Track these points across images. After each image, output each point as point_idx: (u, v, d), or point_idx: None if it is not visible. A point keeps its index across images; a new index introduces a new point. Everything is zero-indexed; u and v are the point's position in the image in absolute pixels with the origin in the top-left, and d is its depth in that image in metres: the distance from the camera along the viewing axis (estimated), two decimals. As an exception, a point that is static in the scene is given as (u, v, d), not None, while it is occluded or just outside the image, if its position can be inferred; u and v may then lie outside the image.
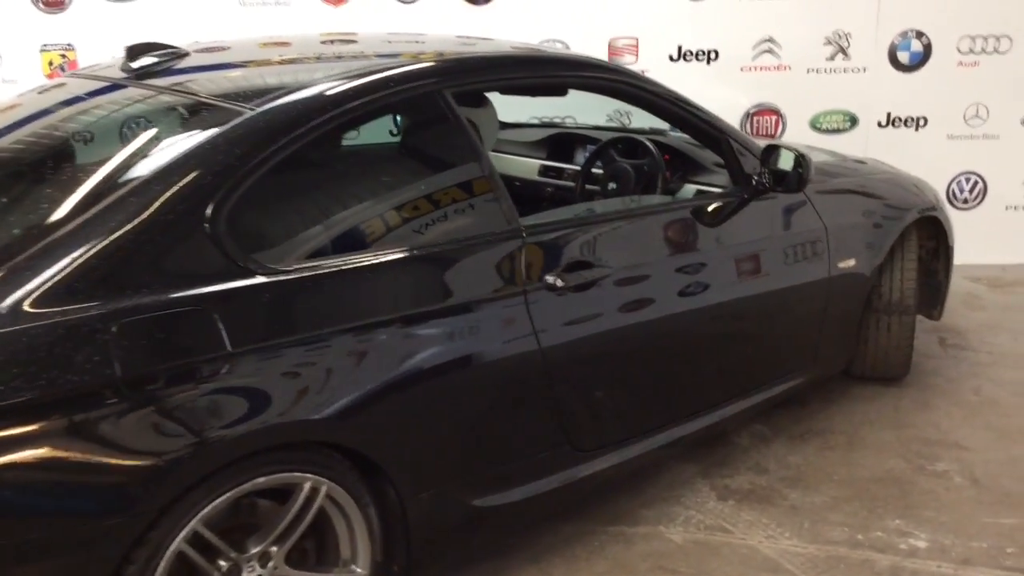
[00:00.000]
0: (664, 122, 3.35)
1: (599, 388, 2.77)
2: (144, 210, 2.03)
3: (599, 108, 4.69)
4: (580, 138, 4.03)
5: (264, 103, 2.30)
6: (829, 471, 3.32)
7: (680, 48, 5.35)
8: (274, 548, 2.16)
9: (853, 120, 5.48)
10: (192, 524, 1.98)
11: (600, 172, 3.59)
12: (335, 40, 3.28)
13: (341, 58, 2.97)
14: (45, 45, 5.09)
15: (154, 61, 2.68)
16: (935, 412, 3.76)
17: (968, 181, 5.57)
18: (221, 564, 2.09)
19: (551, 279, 2.56)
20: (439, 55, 2.82)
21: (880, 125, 5.48)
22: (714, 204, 3.13)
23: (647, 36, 5.33)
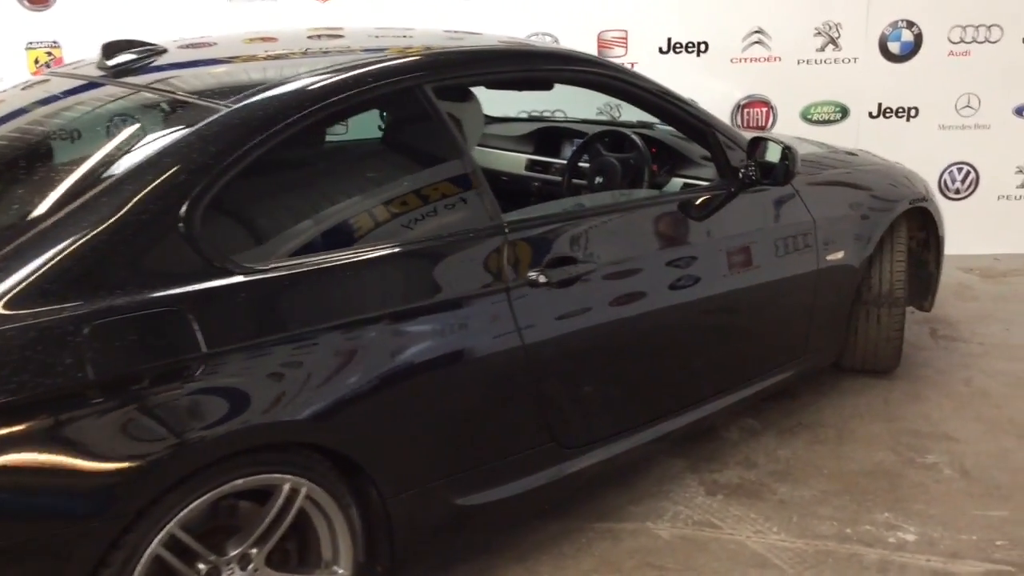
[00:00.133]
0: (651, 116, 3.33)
1: (584, 385, 2.75)
2: (117, 210, 2.01)
3: (589, 101, 4.66)
4: (568, 132, 4.01)
5: (240, 100, 2.27)
6: (818, 465, 3.30)
7: (670, 40, 5.31)
8: (254, 550, 2.14)
9: (844, 111, 5.45)
10: (169, 527, 1.96)
11: (587, 166, 3.57)
12: (322, 35, 3.26)
13: (323, 53, 2.95)
14: (31, 43, 5.05)
15: (131, 58, 2.65)
16: (925, 404, 3.75)
17: (960, 171, 5.55)
18: (200, 567, 2.07)
19: (534, 275, 2.54)
20: (422, 50, 2.80)
21: (871, 116, 5.45)
22: (701, 198, 3.11)
23: (636, 29, 5.29)
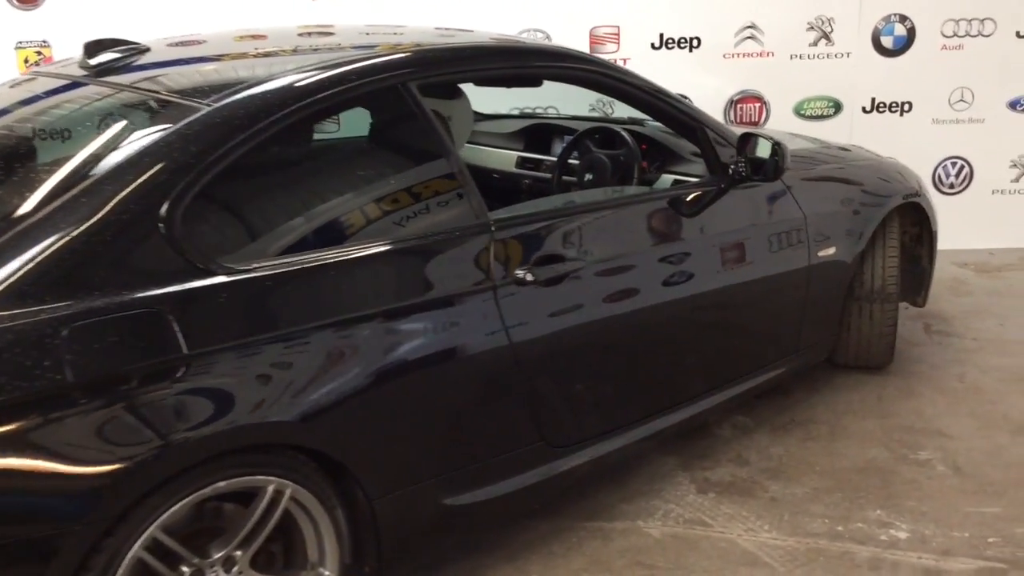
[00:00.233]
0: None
1: (574, 383, 2.73)
2: (97, 211, 1.99)
3: (583, 98, 4.64)
4: (558, 129, 3.99)
5: (221, 99, 2.25)
6: (811, 462, 3.29)
7: (662, 36, 5.30)
8: (238, 552, 2.12)
9: (837, 106, 5.44)
10: (150, 530, 1.94)
11: (576, 163, 3.55)
12: (312, 32, 3.23)
13: (311, 51, 2.92)
14: (20, 42, 5.03)
15: (114, 58, 2.62)
16: (919, 400, 3.73)
17: (954, 166, 5.53)
18: (183, 570, 2.05)
19: (521, 273, 2.52)
20: (406, 47, 2.77)
21: (865, 111, 5.43)
22: (690, 194, 3.09)
23: (628, 24, 5.28)
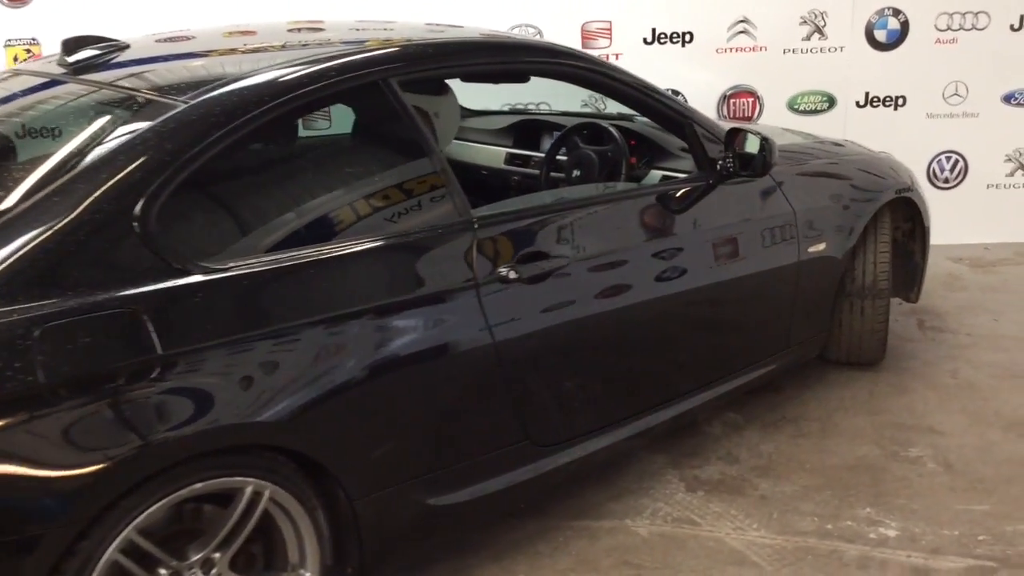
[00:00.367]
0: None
1: (559, 381, 2.71)
2: (71, 210, 1.96)
3: (573, 94, 4.61)
4: (547, 125, 3.96)
5: (198, 96, 2.22)
6: (801, 459, 3.27)
7: (654, 31, 5.26)
8: (217, 554, 2.10)
9: (831, 100, 5.41)
10: (125, 533, 1.92)
11: (564, 159, 3.52)
12: (301, 28, 3.20)
13: (296, 47, 2.88)
14: (9, 40, 5.00)
15: (92, 55, 2.60)
16: (910, 396, 3.70)
17: (949, 160, 5.50)
18: (161, 572, 2.02)
19: (504, 271, 2.49)
20: (388, 43, 2.74)
21: (858, 105, 5.40)
22: (678, 190, 3.07)
23: (621, 19, 5.24)
